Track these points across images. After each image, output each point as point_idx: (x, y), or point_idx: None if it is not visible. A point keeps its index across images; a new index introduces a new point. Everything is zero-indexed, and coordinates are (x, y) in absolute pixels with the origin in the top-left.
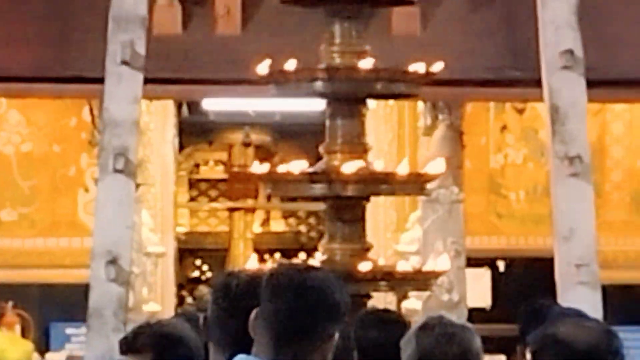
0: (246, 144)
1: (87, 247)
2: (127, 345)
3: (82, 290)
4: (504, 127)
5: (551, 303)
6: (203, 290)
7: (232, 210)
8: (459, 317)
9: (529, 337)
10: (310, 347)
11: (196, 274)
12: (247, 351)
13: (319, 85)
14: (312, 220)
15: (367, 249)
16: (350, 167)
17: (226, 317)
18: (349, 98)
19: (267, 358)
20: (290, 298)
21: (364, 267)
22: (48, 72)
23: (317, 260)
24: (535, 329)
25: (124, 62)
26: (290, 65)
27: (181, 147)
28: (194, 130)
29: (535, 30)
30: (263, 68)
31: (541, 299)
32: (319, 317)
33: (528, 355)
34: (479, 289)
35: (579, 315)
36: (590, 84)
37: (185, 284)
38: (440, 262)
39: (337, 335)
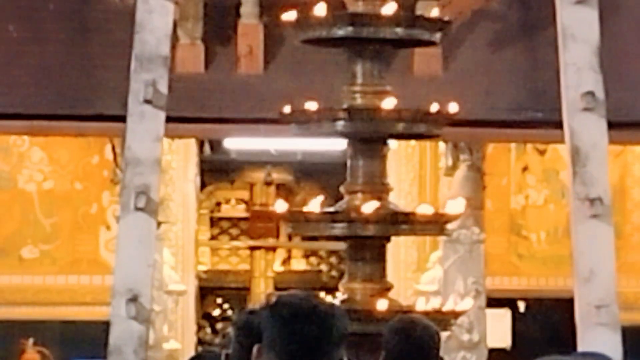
0: (268, 183)
1: (108, 285)
2: None
3: (103, 328)
4: (525, 168)
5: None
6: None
7: (253, 248)
8: (479, 357)
9: None
10: None
11: (217, 312)
12: None
13: (340, 125)
14: (333, 259)
15: (388, 289)
16: (370, 207)
17: (248, 355)
18: (370, 138)
19: None
20: (298, 327)
21: (381, 305)
22: (71, 110)
23: (337, 299)
24: None
25: (147, 101)
26: (312, 105)
27: (203, 186)
28: (216, 169)
29: (556, 72)
30: (286, 108)
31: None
32: (326, 344)
33: None
34: (499, 330)
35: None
36: (612, 125)
37: (206, 323)
38: (460, 302)
39: None
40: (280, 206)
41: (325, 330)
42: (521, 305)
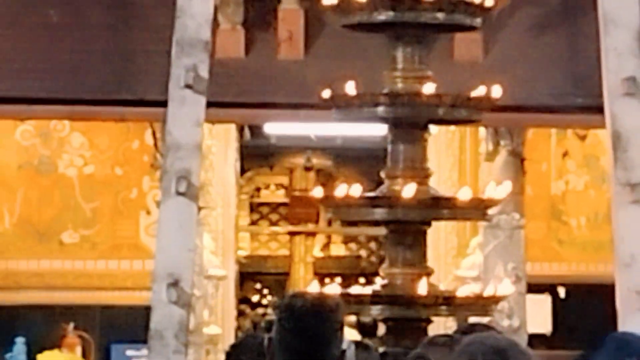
0: (307, 168)
1: (148, 270)
2: None
3: (143, 312)
4: (565, 154)
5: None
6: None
7: (292, 234)
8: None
9: None
10: None
11: (256, 297)
12: None
13: (381, 110)
14: (372, 245)
15: (428, 274)
16: (410, 191)
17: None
18: (410, 123)
19: None
20: (307, 322)
21: (421, 288)
22: (111, 95)
23: (377, 285)
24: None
25: (187, 86)
26: (352, 90)
27: (243, 171)
28: (256, 154)
29: (597, 57)
30: (326, 93)
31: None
32: (333, 338)
33: None
34: (539, 315)
35: None
36: None
37: (246, 308)
38: (500, 287)
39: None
40: (320, 191)
41: (321, 326)
42: (561, 291)
